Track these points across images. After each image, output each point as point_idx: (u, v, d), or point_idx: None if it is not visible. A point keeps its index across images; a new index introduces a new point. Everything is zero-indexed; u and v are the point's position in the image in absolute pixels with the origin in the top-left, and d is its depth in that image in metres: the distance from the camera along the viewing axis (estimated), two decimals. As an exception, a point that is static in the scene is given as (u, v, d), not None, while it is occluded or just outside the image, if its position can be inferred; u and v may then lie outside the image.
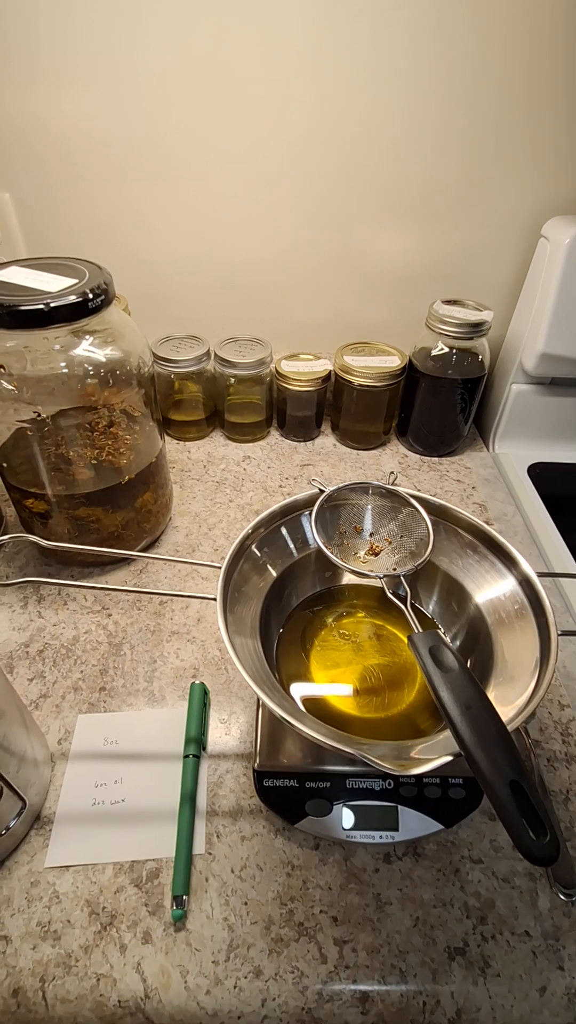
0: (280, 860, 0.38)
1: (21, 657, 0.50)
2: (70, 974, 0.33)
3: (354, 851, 0.39)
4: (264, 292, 0.76)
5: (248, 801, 0.41)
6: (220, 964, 0.34)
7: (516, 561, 0.40)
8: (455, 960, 0.35)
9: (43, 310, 0.43)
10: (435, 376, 0.71)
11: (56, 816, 0.40)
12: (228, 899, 0.37)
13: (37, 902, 0.36)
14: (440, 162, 0.66)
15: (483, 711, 0.29)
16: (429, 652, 0.33)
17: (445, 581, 0.44)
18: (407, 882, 0.38)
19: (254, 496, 0.70)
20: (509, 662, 0.37)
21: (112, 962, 0.34)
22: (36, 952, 0.34)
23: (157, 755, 0.44)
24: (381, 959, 0.35)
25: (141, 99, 0.62)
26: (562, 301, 0.65)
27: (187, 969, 0.34)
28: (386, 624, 0.47)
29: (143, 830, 0.39)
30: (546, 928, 0.36)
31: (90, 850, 0.38)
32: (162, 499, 0.61)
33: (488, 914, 0.37)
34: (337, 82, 0.61)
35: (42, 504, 0.53)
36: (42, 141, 0.65)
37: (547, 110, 0.63)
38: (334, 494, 0.46)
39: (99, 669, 0.50)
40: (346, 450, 0.78)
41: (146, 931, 0.35)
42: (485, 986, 0.34)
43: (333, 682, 0.43)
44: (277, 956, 0.34)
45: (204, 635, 0.53)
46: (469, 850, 0.39)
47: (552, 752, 0.45)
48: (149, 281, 0.75)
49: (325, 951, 0.35)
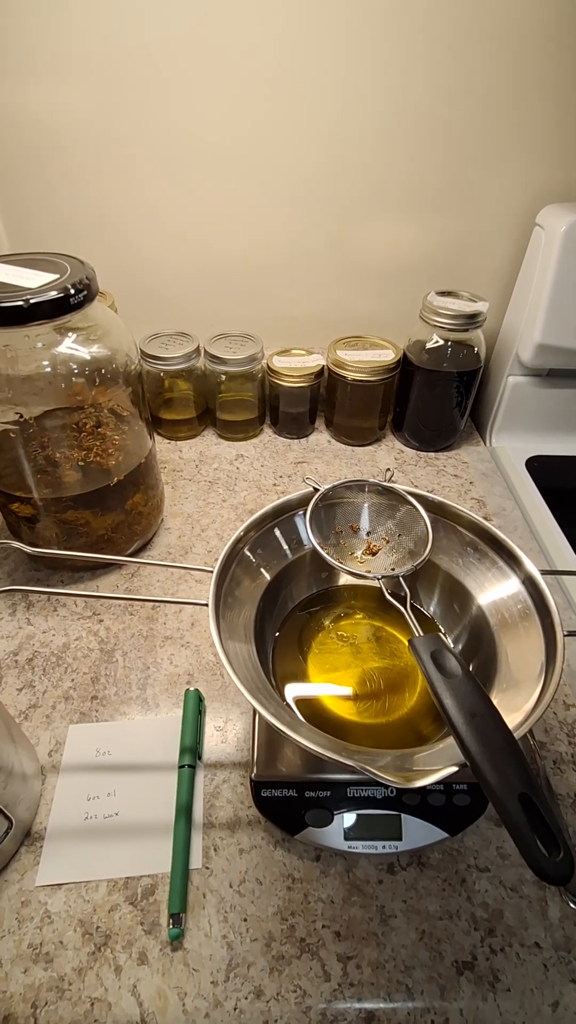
0: (280, 873, 0.37)
1: (10, 666, 0.49)
2: (63, 999, 0.32)
3: (356, 862, 0.38)
4: (255, 287, 0.75)
5: (246, 812, 0.40)
6: (219, 985, 0.33)
7: (519, 560, 0.38)
8: (463, 975, 0.33)
9: (22, 307, 0.41)
10: (430, 369, 0.69)
11: (47, 832, 0.39)
12: (227, 915, 0.35)
13: (28, 923, 0.35)
14: (432, 151, 0.65)
15: (489, 719, 0.28)
16: (431, 657, 0.31)
17: (446, 581, 0.43)
18: (412, 893, 0.36)
19: (248, 495, 0.68)
20: (513, 665, 0.35)
21: (107, 985, 0.33)
22: (27, 976, 0.33)
23: (151, 766, 0.42)
24: (387, 975, 0.33)
25: (127, 94, 0.61)
26: (558, 290, 0.64)
27: (185, 991, 0.33)
28: (385, 625, 0.46)
29: (138, 845, 0.38)
30: (557, 939, 0.35)
31: (83, 867, 0.37)
32: (153, 500, 0.59)
33: (496, 925, 0.35)
34: (328, 74, 0.60)
35: (28, 508, 0.52)
36: (26, 136, 0.63)
37: (539, 97, 0.61)
38: (329, 493, 0.44)
39: (90, 677, 0.48)
40: (341, 446, 0.77)
41: (142, 951, 0.34)
42: (495, 1002, 0.33)
43: (331, 686, 0.42)
44: (279, 975, 0.33)
45: (198, 640, 0.51)
46: (475, 858, 0.38)
47: (558, 754, 0.44)
48: (136, 277, 0.73)
49: (328, 968, 0.34)
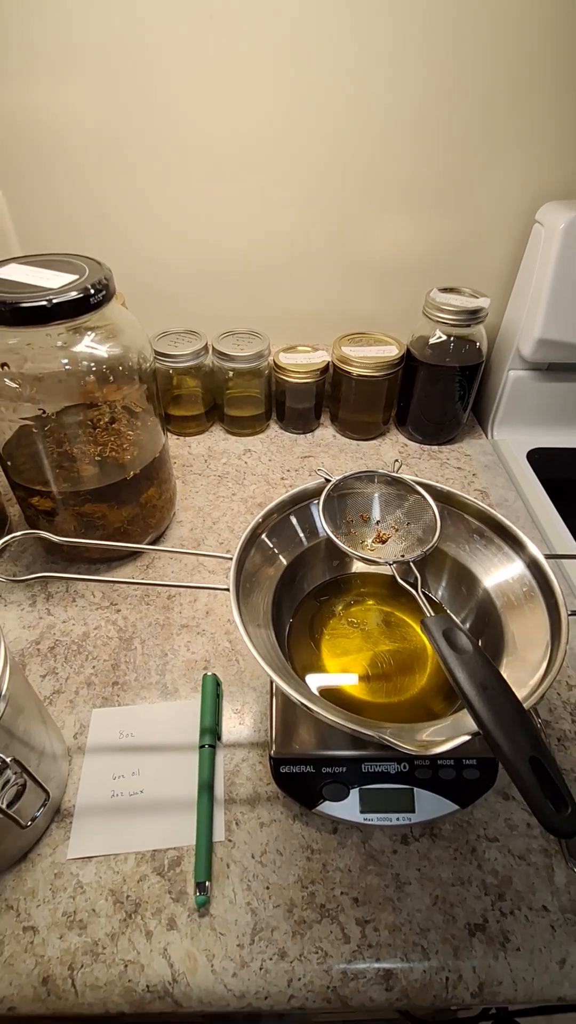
0: (299, 845, 0.39)
1: (32, 654, 0.51)
2: (98, 961, 0.34)
3: (372, 833, 0.40)
4: (261, 285, 0.76)
5: (265, 788, 0.42)
6: (245, 947, 0.35)
7: (523, 544, 0.40)
8: (475, 936, 0.35)
9: (45, 307, 0.43)
10: (433, 364, 0.71)
11: (76, 809, 0.40)
12: (250, 884, 0.37)
13: (61, 893, 0.37)
14: (434, 151, 0.66)
15: (500, 691, 0.29)
16: (443, 635, 0.33)
17: (454, 567, 0.44)
18: (425, 862, 0.38)
19: (256, 489, 0.70)
20: (519, 644, 0.37)
21: (139, 948, 0.34)
22: (63, 941, 0.35)
23: (173, 746, 0.44)
24: (403, 937, 0.35)
25: (132, 96, 0.62)
26: (558, 286, 0.65)
27: (213, 953, 0.34)
28: (395, 611, 0.48)
29: (163, 820, 0.40)
30: (563, 903, 0.37)
31: (111, 841, 0.39)
32: (166, 494, 0.61)
33: (506, 891, 0.37)
34: (332, 74, 0.61)
35: (48, 502, 0.53)
36: (34, 138, 0.64)
37: (538, 95, 0.63)
38: (340, 483, 0.46)
39: (111, 664, 0.50)
40: (346, 441, 0.78)
41: (171, 918, 0.36)
42: (506, 960, 0.35)
43: (344, 669, 0.44)
44: (301, 938, 0.35)
45: (214, 627, 0.53)
46: (485, 829, 0.40)
47: (562, 732, 0.46)
48: (145, 276, 0.75)
49: (348, 931, 0.35)
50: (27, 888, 0.37)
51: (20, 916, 0.36)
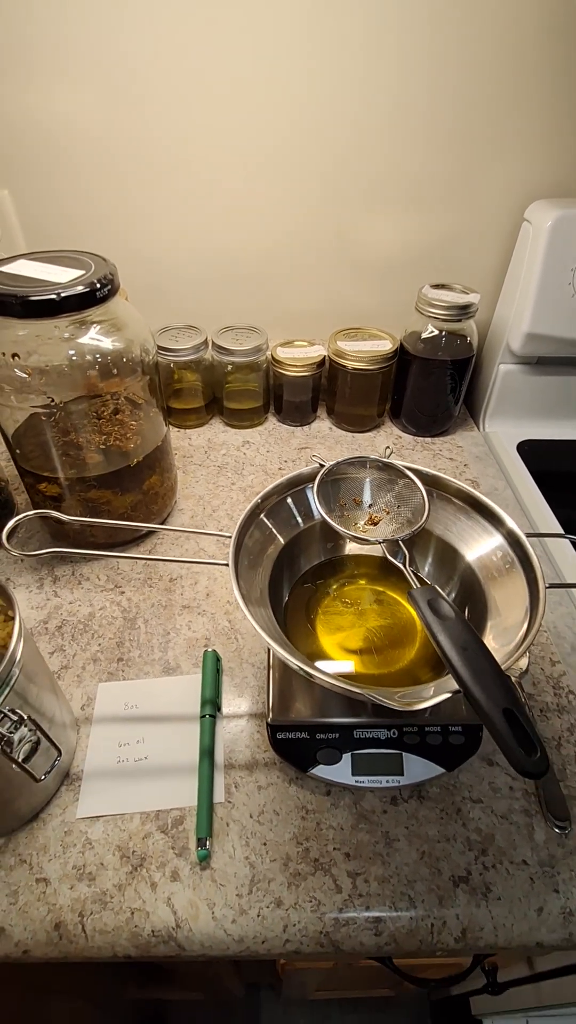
0: (295, 805, 0.41)
1: (41, 633, 0.53)
2: (106, 909, 0.36)
3: (363, 795, 0.42)
4: (259, 282, 0.79)
5: (262, 755, 0.44)
6: (244, 897, 0.37)
7: (501, 519, 0.43)
8: (459, 887, 0.38)
9: (54, 300, 0.45)
10: (425, 358, 0.73)
11: (84, 773, 0.43)
12: (248, 840, 0.40)
13: (72, 848, 0.39)
14: (429, 152, 0.69)
15: (478, 651, 0.32)
16: (428, 604, 0.36)
17: (439, 545, 0.47)
18: (413, 821, 0.41)
19: (255, 479, 0.72)
20: (502, 609, 0.40)
21: (144, 898, 0.37)
22: (74, 891, 0.37)
23: (176, 717, 0.47)
24: (391, 888, 0.38)
25: (135, 93, 0.64)
26: (545, 282, 0.68)
27: (214, 902, 0.37)
28: (386, 590, 0.50)
29: (166, 783, 0.42)
30: (542, 857, 0.39)
31: (118, 802, 0.41)
32: (168, 482, 0.63)
33: (488, 847, 0.40)
34: (327, 74, 0.64)
35: (55, 487, 0.56)
36: (39, 137, 0.67)
37: (530, 98, 0.65)
38: (334, 468, 0.48)
39: (115, 642, 0.52)
40: (342, 433, 0.81)
41: (174, 870, 0.38)
42: (487, 908, 0.37)
43: (338, 645, 0.46)
44: (296, 888, 0.37)
45: (214, 608, 0.56)
46: (470, 792, 0.42)
47: (545, 704, 0.48)
48: (147, 273, 0.77)
49: (340, 883, 0.38)
50: (39, 844, 0.39)
51: (33, 869, 0.38)
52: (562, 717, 0.47)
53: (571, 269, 0.67)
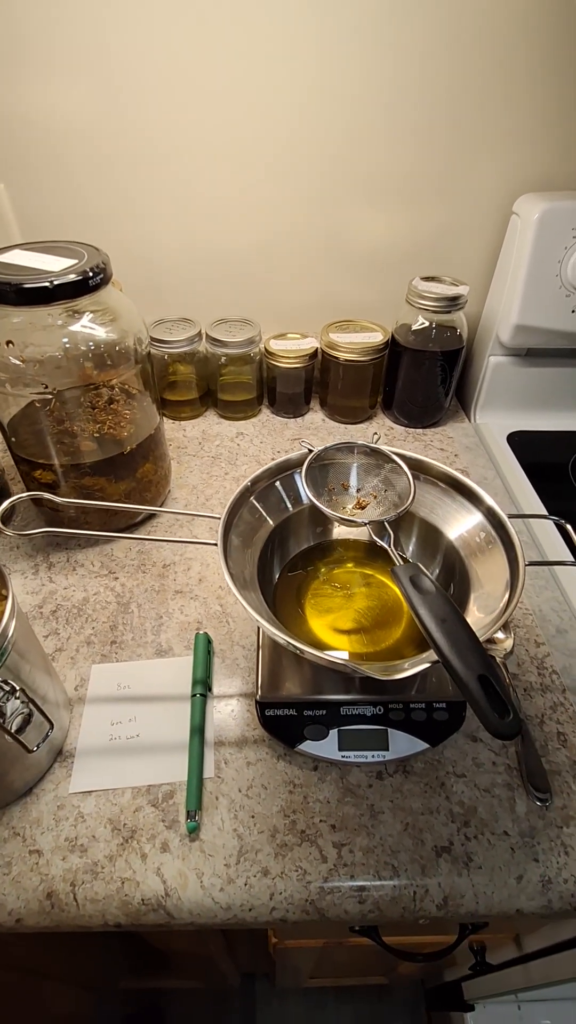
0: (282, 780, 0.42)
1: (36, 617, 0.54)
2: (97, 879, 0.37)
3: (349, 770, 0.43)
4: (252, 275, 0.80)
5: (252, 732, 0.45)
6: (232, 867, 0.38)
7: (481, 499, 0.44)
8: (441, 857, 0.39)
9: (47, 287, 0.46)
10: (416, 349, 0.74)
11: (77, 750, 0.44)
12: (237, 813, 0.41)
13: (64, 821, 0.40)
14: (419, 146, 0.70)
15: (456, 622, 0.33)
16: (410, 580, 0.37)
17: (422, 526, 0.48)
18: (398, 795, 0.42)
19: (248, 469, 0.73)
20: (486, 585, 0.41)
21: (135, 868, 0.38)
22: (66, 862, 0.38)
23: (167, 696, 0.48)
24: (375, 858, 0.39)
25: (129, 87, 0.65)
26: (533, 274, 0.69)
27: (202, 872, 0.38)
28: (375, 573, 0.51)
29: (157, 759, 0.43)
30: (523, 828, 0.40)
31: (110, 777, 0.42)
32: (161, 470, 0.64)
33: (471, 819, 0.41)
34: (318, 71, 0.65)
35: (50, 474, 0.57)
36: (34, 131, 0.68)
37: (518, 92, 0.66)
38: (322, 453, 0.50)
39: (109, 625, 0.53)
40: (334, 424, 0.82)
41: (164, 842, 0.39)
42: (469, 877, 0.38)
43: (327, 625, 0.47)
44: (282, 858, 0.38)
45: (206, 593, 0.57)
46: (453, 767, 0.43)
47: (529, 683, 0.49)
48: (142, 266, 0.78)
49: (325, 853, 0.39)
50: (32, 817, 0.40)
51: (26, 841, 0.39)
52: (545, 696, 0.48)
53: (558, 261, 0.68)
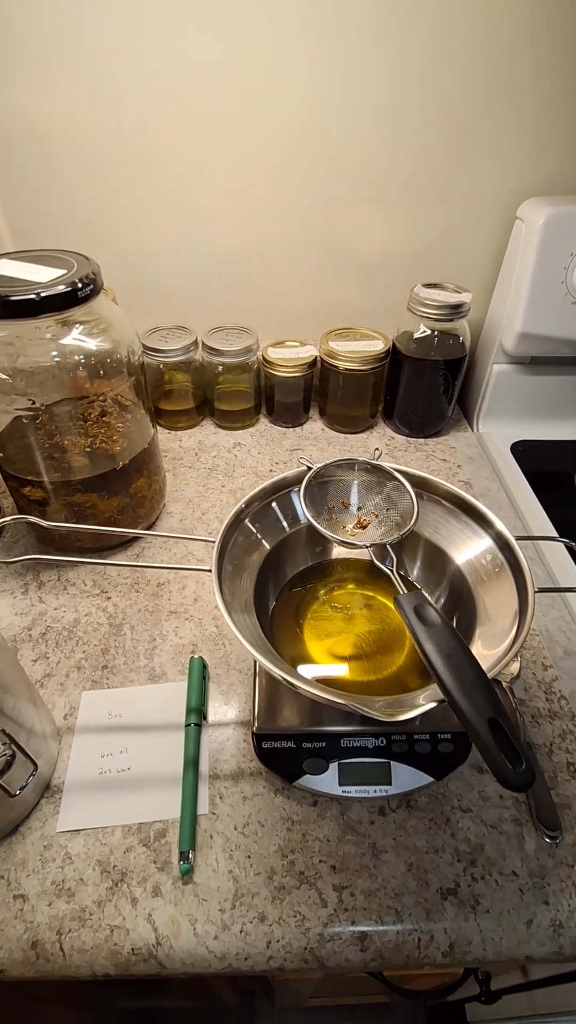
0: (280, 816, 0.40)
1: (24, 640, 0.52)
2: (85, 926, 0.35)
3: (350, 806, 0.41)
4: (249, 281, 0.78)
5: (248, 764, 0.43)
6: (227, 912, 0.36)
7: (490, 521, 0.42)
8: (447, 899, 0.37)
9: (34, 300, 0.44)
10: (418, 358, 0.72)
11: (65, 785, 0.42)
12: (232, 853, 0.39)
13: (51, 863, 0.38)
14: (420, 150, 0.68)
15: (463, 659, 0.31)
16: (414, 610, 0.35)
17: (427, 547, 0.46)
18: (401, 832, 0.40)
19: (245, 481, 0.71)
20: (493, 618, 0.39)
21: (124, 914, 0.36)
22: (52, 908, 0.36)
23: (160, 726, 0.46)
24: (378, 901, 0.37)
25: (123, 95, 0.64)
26: (538, 281, 0.67)
27: (195, 918, 0.36)
28: (376, 595, 0.49)
29: (149, 794, 0.41)
30: (532, 867, 0.38)
31: (99, 814, 0.40)
32: (156, 485, 0.62)
33: (478, 857, 0.39)
34: (317, 73, 0.63)
35: (39, 491, 0.55)
36: (25, 135, 0.66)
37: (521, 95, 0.65)
38: (321, 471, 0.48)
39: (100, 649, 0.51)
40: (334, 434, 0.80)
41: (155, 885, 0.37)
42: (476, 921, 0.36)
43: (326, 651, 0.45)
44: (280, 903, 0.37)
45: (201, 613, 0.55)
46: (459, 801, 0.41)
47: (536, 709, 0.47)
48: (136, 273, 0.76)
49: (325, 896, 0.37)
50: (18, 859, 0.38)
51: (11, 885, 0.37)
52: (554, 723, 0.46)
53: (564, 268, 0.66)
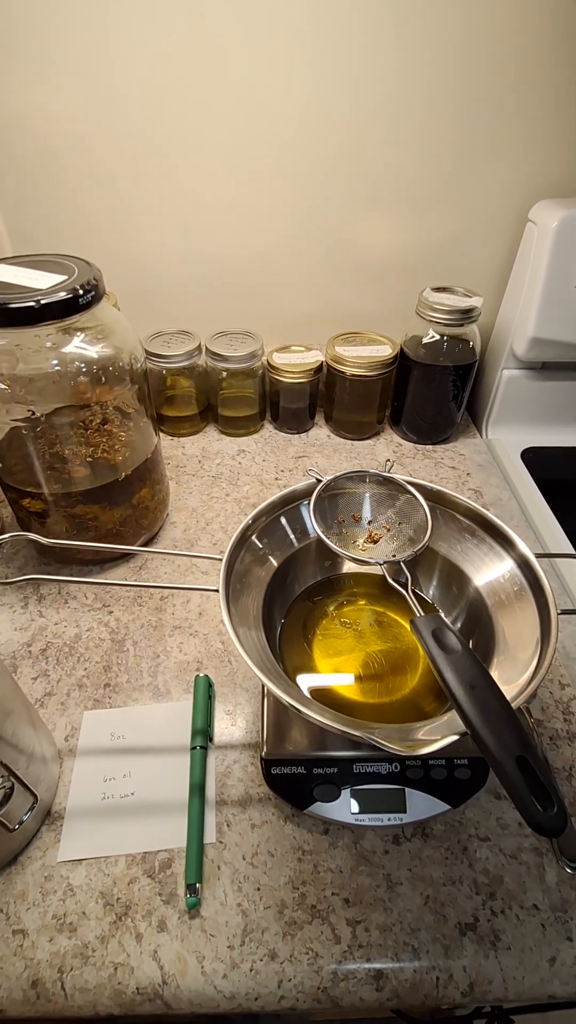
0: (291, 846, 0.39)
1: (24, 656, 0.50)
2: (88, 964, 0.34)
3: (363, 834, 0.40)
4: (254, 285, 0.76)
5: (257, 789, 0.42)
6: (236, 948, 0.35)
7: (513, 543, 0.40)
8: (466, 935, 0.35)
9: (33, 307, 0.42)
10: (427, 364, 0.71)
11: (66, 811, 0.40)
12: (241, 885, 0.37)
13: (52, 895, 0.36)
14: (428, 150, 0.66)
15: (487, 690, 0.29)
16: (432, 635, 0.33)
17: (444, 566, 0.44)
18: (416, 862, 0.38)
19: (250, 489, 0.70)
20: (510, 642, 0.37)
21: (129, 951, 0.34)
22: (53, 944, 0.35)
23: (164, 748, 0.44)
24: (394, 937, 0.35)
25: (124, 96, 0.62)
26: (551, 285, 0.65)
27: (203, 955, 0.34)
28: (387, 611, 0.48)
29: (154, 822, 0.40)
30: (554, 901, 0.37)
31: (102, 843, 0.39)
32: (159, 495, 0.61)
33: (497, 890, 0.37)
34: (323, 74, 0.61)
35: (39, 503, 0.53)
36: (26, 137, 0.64)
37: (532, 95, 0.63)
38: (331, 483, 0.46)
39: (102, 666, 0.50)
40: (340, 441, 0.78)
41: (161, 920, 0.36)
42: (496, 959, 0.35)
43: (336, 670, 0.44)
44: (291, 939, 0.35)
45: (206, 628, 0.53)
46: (476, 829, 0.40)
47: (554, 731, 0.46)
48: (138, 277, 0.74)
49: (338, 932, 0.35)
50: (17, 891, 0.37)
51: (10, 919, 0.35)
52: (573, 745, 0.45)
53: (577, 271, 0.64)
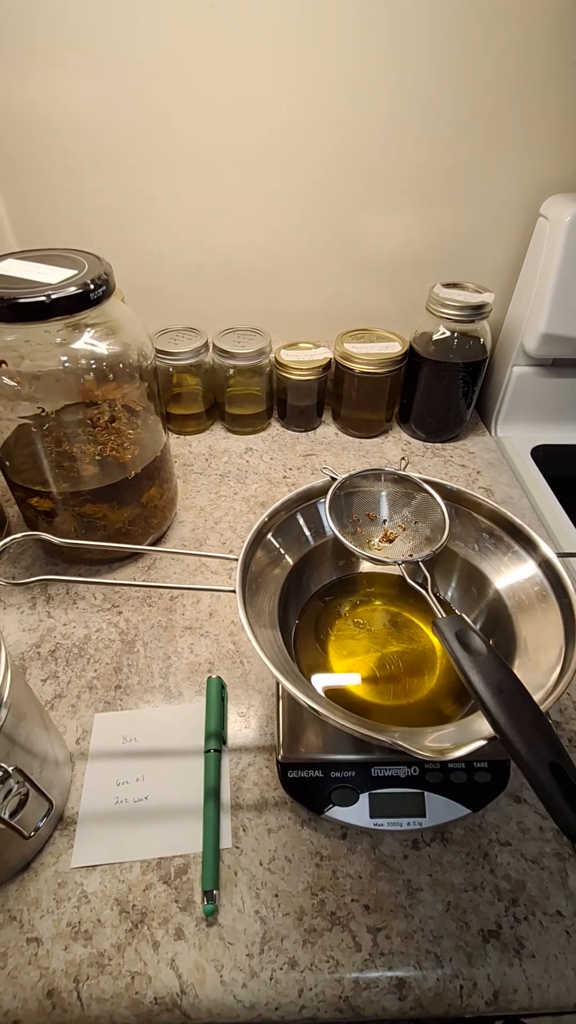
0: (308, 851, 0.38)
1: (33, 658, 0.50)
2: (104, 973, 0.33)
3: (382, 839, 0.39)
4: (262, 281, 0.75)
5: (272, 793, 0.41)
6: (255, 957, 0.34)
7: (536, 544, 0.39)
8: (489, 943, 0.35)
9: (44, 302, 0.42)
10: (437, 361, 0.70)
11: (79, 816, 0.40)
12: (259, 892, 0.36)
13: (66, 903, 0.36)
14: (436, 144, 0.65)
15: (516, 694, 0.29)
16: (456, 636, 0.32)
17: (464, 567, 0.44)
18: (437, 867, 0.38)
19: (259, 488, 0.69)
20: (531, 645, 0.36)
21: (146, 959, 0.34)
22: (68, 953, 0.34)
23: (178, 751, 0.43)
24: (416, 945, 0.34)
25: (132, 90, 0.61)
26: (563, 280, 0.64)
27: (222, 963, 0.34)
28: (402, 611, 0.47)
29: (168, 827, 0.39)
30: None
31: (116, 849, 0.38)
32: (168, 494, 0.60)
33: (519, 896, 0.36)
34: (332, 67, 0.60)
35: (47, 502, 0.52)
36: (31, 131, 0.63)
37: (543, 88, 0.62)
38: (347, 481, 0.45)
39: (113, 667, 0.49)
40: (348, 439, 0.78)
41: (178, 927, 0.35)
42: (521, 967, 0.34)
43: (352, 671, 0.43)
44: (311, 946, 0.34)
45: (217, 629, 0.52)
46: (497, 833, 0.39)
47: (573, 733, 0.45)
48: (144, 273, 0.74)
49: (359, 939, 0.35)
50: (30, 898, 0.36)
51: (24, 927, 0.35)
52: (592, 748, 0.44)
53: (590, 267, 0.64)
